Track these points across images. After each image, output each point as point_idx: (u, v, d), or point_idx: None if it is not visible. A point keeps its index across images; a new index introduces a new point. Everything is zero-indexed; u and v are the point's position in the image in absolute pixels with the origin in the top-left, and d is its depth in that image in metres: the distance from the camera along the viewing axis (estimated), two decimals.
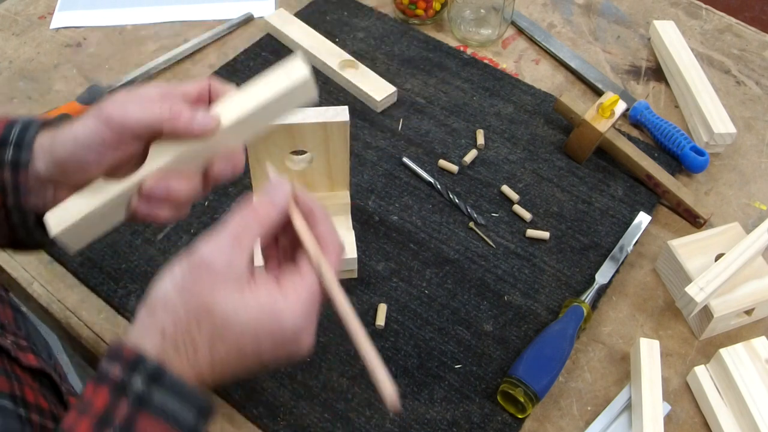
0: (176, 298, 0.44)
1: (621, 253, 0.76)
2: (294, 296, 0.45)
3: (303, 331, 0.46)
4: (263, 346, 0.45)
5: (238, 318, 0.44)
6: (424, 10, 0.99)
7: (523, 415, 0.65)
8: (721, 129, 0.84)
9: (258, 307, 0.44)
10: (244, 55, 0.96)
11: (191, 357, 0.44)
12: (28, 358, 0.54)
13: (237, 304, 0.44)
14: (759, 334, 0.71)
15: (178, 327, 0.44)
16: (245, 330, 0.44)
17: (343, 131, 0.68)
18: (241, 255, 0.45)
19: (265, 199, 0.48)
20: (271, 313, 0.44)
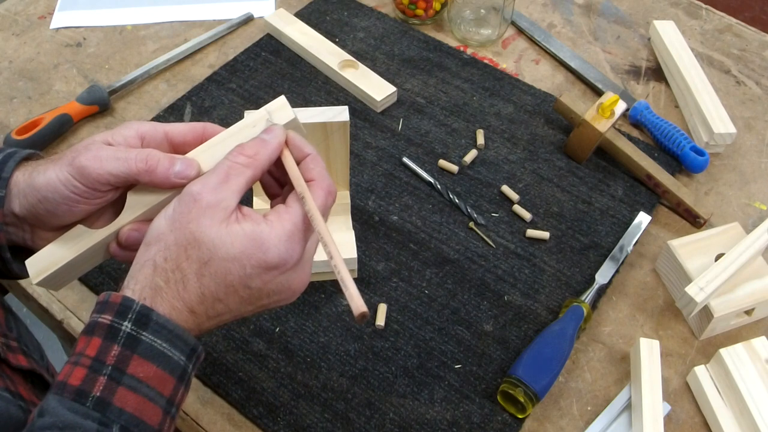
0: (167, 230, 0.46)
1: (621, 253, 0.76)
2: (278, 225, 0.46)
3: (289, 259, 0.46)
4: (251, 276, 0.45)
5: (224, 246, 0.45)
6: (424, 10, 0.99)
7: (523, 415, 0.65)
8: (721, 129, 0.84)
9: (242, 234, 0.45)
10: (244, 55, 0.96)
11: (180, 289, 0.45)
12: (17, 359, 0.54)
13: (222, 232, 0.45)
14: (759, 334, 0.71)
15: (168, 257, 0.45)
16: (230, 257, 0.45)
17: (343, 131, 0.68)
18: (229, 191, 0.46)
19: (257, 141, 0.49)
20: (255, 240, 0.45)
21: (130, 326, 0.44)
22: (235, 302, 0.47)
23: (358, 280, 0.73)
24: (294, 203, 0.48)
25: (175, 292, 0.45)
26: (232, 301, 0.46)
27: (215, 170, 0.47)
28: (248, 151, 0.48)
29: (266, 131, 0.49)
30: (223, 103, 0.89)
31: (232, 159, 0.47)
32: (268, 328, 0.70)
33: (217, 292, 0.46)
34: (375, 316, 0.71)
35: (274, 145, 0.49)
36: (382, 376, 0.67)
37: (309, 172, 0.49)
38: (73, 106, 0.86)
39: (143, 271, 0.46)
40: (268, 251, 0.45)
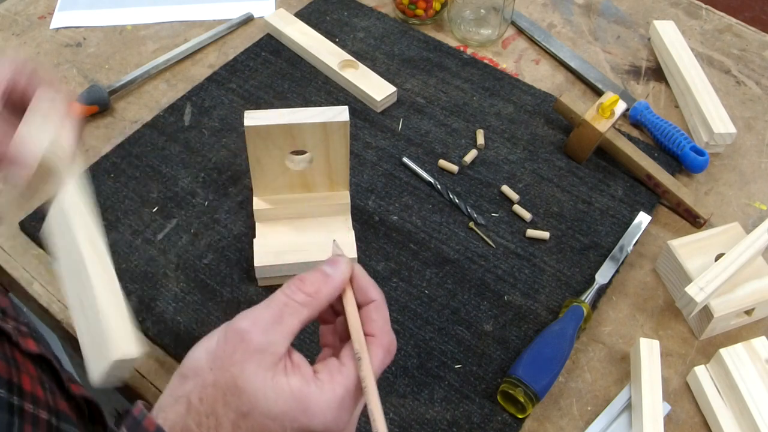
0: (206, 369, 0.42)
1: (621, 253, 0.76)
2: (329, 390, 0.42)
3: (335, 429, 0.42)
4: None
5: (267, 401, 0.41)
6: (424, 10, 0.99)
7: (523, 415, 0.65)
8: (721, 129, 0.84)
9: (289, 393, 0.41)
10: (244, 55, 0.96)
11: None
12: (28, 343, 0.54)
13: (267, 385, 0.41)
14: (759, 334, 0.71)
15: (204, 400, 0.41)
16: (272, 415, 0.41)
17: (343, 131, 0.68)
18: (282, 335, 0.42)
19: (319, 275, 0.44)
20: (301, 402, 0.41)
21: None
22: None
23: None
24: (349, 362, 0.43)
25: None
26: None
27: (269, 305, 0.42)
28: (308, 287, 0.43)
29: (330, 263, 0.44)
30: (223, 103, 0.89)
31: (290, 295, 0.43)
32: None
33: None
34: None
35: (338, 283, 0.43)
36: (382, 376, 0.67)
37: (370, 324, 0.44)
38: (73, 106, 0.86)
39: (176, 407, 0.42)
40: (314, 417, 0.41)
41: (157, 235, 0.76)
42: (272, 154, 0.70)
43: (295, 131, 0.67)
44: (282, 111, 0.68)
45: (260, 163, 0.70)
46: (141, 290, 0.72)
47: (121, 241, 0.76)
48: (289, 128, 0.67)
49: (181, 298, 0.72)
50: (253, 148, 0.69)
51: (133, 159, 0.83)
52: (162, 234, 0.77)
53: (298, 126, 0.67)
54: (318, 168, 0.72)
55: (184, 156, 0.84)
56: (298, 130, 0.67)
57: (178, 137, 0.85)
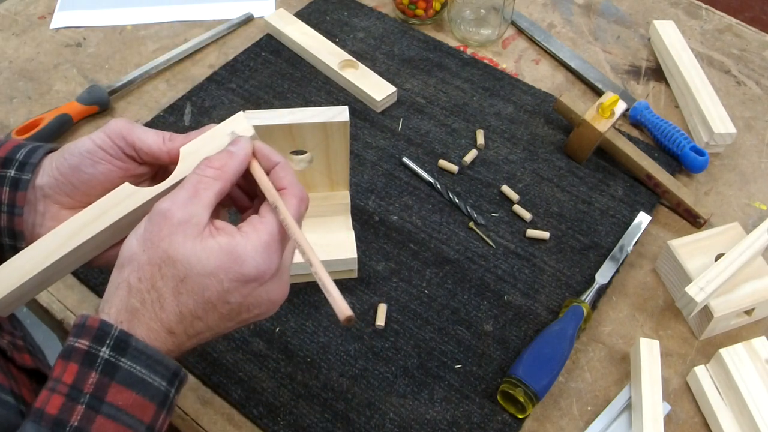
0: (139, 250, 0.45)
1: (621, 253, 0.76)
2: (254, 236, 0.45)
3: (267, 270, 0.45)
4: (229, 290, 0.45)
5: (199, 262, 0.44)
6: (424, 10, 0.99)
7: (523, 415, 0.65)
8: (721, 129, 0.84)
9: (218, 249, 0.44)
10: (244, 55, 0.96)
11: (158, 309, 0.44)
12: (23, 358, 0.54)
13: (197, 248, 0.44)
14: (759, 334, 0.71)
15: (142, 278, 0.44)
16: (207, 272, 0.44)
17: (343, 131, 0.68)
18: (200, 206, 0.45)
19: (224, 153, 0.48)
20: (230, 254, 0.44)
21: (108, 352, 0.42)
22: (214, 319, 0.46)
23: (358, 280, 0.73)
24: (267, 213, 0.47)
25: (152, 313, 0.44)
26: (212, 317, 0.45)
27: (183, 185, 0.46)
28: (216, 163, 0.47)
29: (232, 143, 0.49)
30: (223, 103, 0.89)
31: (200, 172, 0.47)
32: (268, 328, 0.70)
33: (195, 309, 0.45)
34: (375, 316, 0.71)
35: (241, 155, 0.48)
36: (382, 376, 0.67)
37: (280, 180, 0.48)
38: (73, 106, 0.86)
39: (117, 293, 0.45)
40: (245, 263, 0.44)
41: None
42: None
43: (295, 131, 0.67)
44: (282, 111, 0.68)
45: None
46: None
47: None
48: (289, 128, 0.67)
49: None
50: None
51: None
52: None
53: (298, 126, 0.67)
54: (318, 168, 0.72)
55: None
56: (298, 130, 0.67)
57: None
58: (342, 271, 0.73)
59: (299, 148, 0.69)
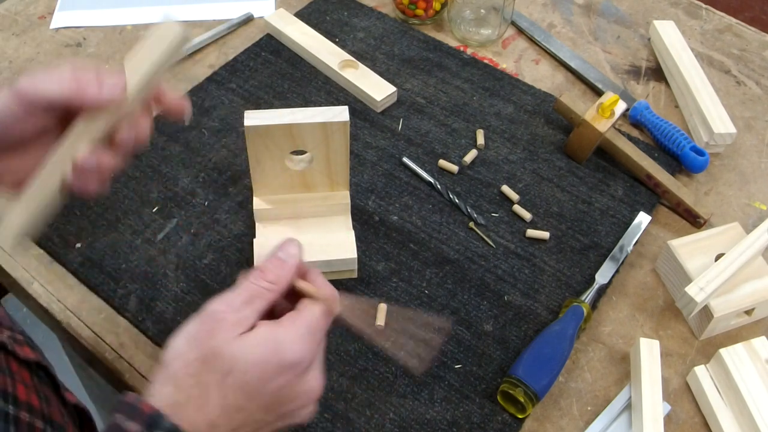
0: (186, 348, 0.47)
1: (621, 253, 0.76)
2: (292, 328, 0.47)
3: (305, 358, 0.48)
4: (270, 377, 0.46)
5: (244, 355, 0.46)
6: (424, 10, 0.99)
7: (523, 415, 0.65)
8: (721, 129, 0.84)
9: (261, 339, 0.47)
10: (244, 55, 0.96)
11: (203, 405, 0.45)
12: (24, 350, 0.54)
13: (242, 344, 0.46)
14: (759, 334, 0.71)
15: (188, 374, 0.46)
16: (251, 362, 0.46)
17: (343, 131, 0.68)
18: (253, 312, 0.48)
19: (277, 262, 0.50)
20: (272, 342, 0.47)
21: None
22: (256, 409, 0.47)
23: (358, 280, 0.73)
24: (304, 307, 0.49)
25: (197, 407, 0.45)
26: (254, 407, 0.47)
27: (239, 291, 0.48)
28: (270, 276, 0.49)
29: (282, 249, 0.51)
30: (223, 103, 0.89)
31: (256, 282, 0.49)
32: None
33: (237, 400, 0.46)
34: (375, 316, 0.71)
35: (292, 266, 0.50)
36: (382, 376, 0.67)
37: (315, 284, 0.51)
38: None
39: (164, 390, 0.46)
40: (286, 351, 0.47)
41: (157, 235, 0.76)
42: (272, 154, 0.70)
43: (295, 131, 0.67)
44: (282, 111, 0.68)
45: (260, 163, 0.71)
46: (141, 290, 0.72)
47: (121, 241, 0.76)
48: (289, 128, 0.67)
49: (181, 298, 0.72)
50: (253, 148, 0.69)
51: (133, 159, 0.83)
52: (162, 234, 0.77)
53: (298, 126, 0.67)
54: (318, 168, 0.72)
55: (184, 156, 0.84)
56: (298, 130, 0.67)
57: (178, 137, 0.85)
58: (342, 271, 0.73)
59: (299, 148, 0.70)
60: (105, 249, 0.75)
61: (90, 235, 0.76)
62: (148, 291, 0.72)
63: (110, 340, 0.70)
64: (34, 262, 0.75)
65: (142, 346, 0.69)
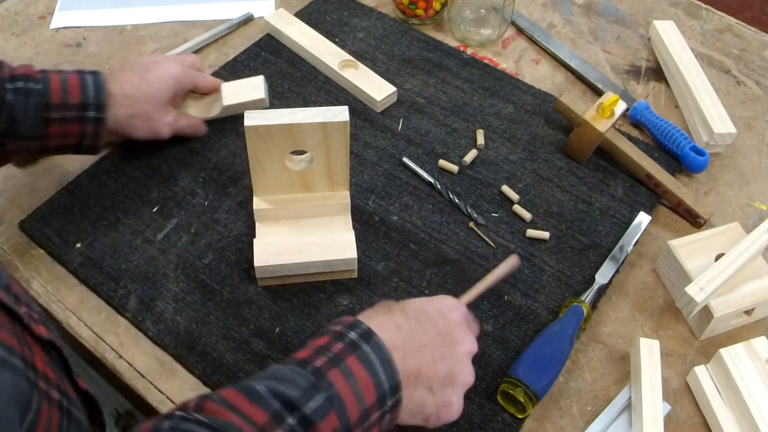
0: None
1: (621, 253, 0.76)
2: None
3: (459, 310, 0.62)
4: (436, 309, 0.60)
5: (417, 300, 0.62)
6: (424, 10, 0.99)
7: (523, 415, 0.65)
8: (721, 129, 0.84)
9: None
10: (244, 55, 0.96)
11: (387, 322, 0.57)
12: (39, 328, 0.54)
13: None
14: (759, 334, 0.71)
15: (378, 309, 0.60)
16: (424, 302, 0.61)
17: (343, 131, 0.68)
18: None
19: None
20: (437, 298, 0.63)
21: (355, 336, 0.53)
22: (431, 330, 0.58)
23: (358, 280, 0.73)
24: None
25: (381, 323, 0.56)
26: (429, 329, 0.58)
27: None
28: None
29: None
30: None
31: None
32: (268, 328, 0.70)
33: (416, 315, 0.58)
34: None
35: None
36: None
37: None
38: None
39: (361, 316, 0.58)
40: (445, 299, 0.63)
41: (157, 235, 0.76)
42: (272, 154, 0.70)
43: (295, 131, 0.67)
44: (282, 111, 0.68)
45: (260, 163, 0.71)
46: (141, 290, 0.72)
47: (121, 241, 0.76)
48: (289, 128, 0.67)
49: (181, 298, 0.72)
50: (253, 148, 0.69)
51: (133, 159, 0.83)
52: (162, 234, 0.77)
53: (298, 126, 0.67)
54: (318, 168, 0.72)
55: (184, 156, 0.84)
56: (298, 130, 0.67)
57: (177, 137, 0.85)
58: (342, 271, 0.73)
59: (299, 148, 0.69)
60: (105, 249, 0.75)
61: (90, 235, 0.76)
62: (148, 291, 0.72)
63: (110, 340, 0.70)
64: (34, 262, 0.75)
65: (142, 346, 0.69)
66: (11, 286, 0.55)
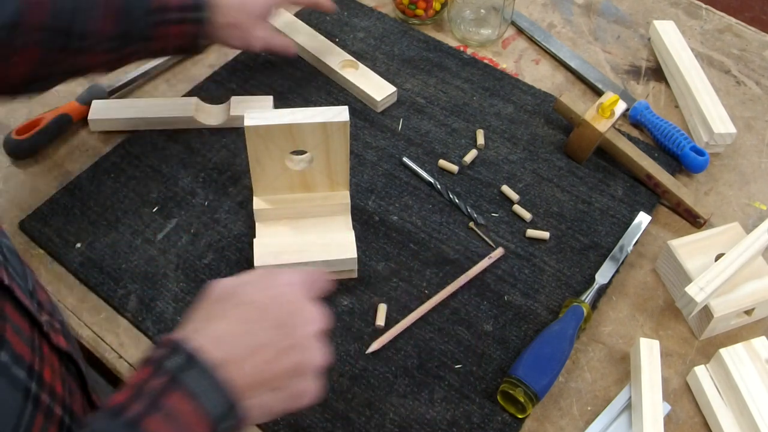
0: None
1: (621, 253, 0.76)
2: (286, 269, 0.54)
3: (299, 281, 0.52)
4: (269, 288, 0.51)
5: (243, 280, 0.52)
6: (424, 10, 0.99)
7: (523, 415, 0.65)
8: (721, 129, 0.84)
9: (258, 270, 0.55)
10: (244, 55, 0.96)
11: (211, 329, 0.49)
12: (58, 339, 0.54)
13: (241, 276, 0.53)
14: (759, 334, 0.71)
15: (199, 310, 0.51)
16: (250, 283, 0.51)
17: (343, 131, 0.68)
18: None
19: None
20: (267, 271, 0.53)
21: (177, 364, 0.45)
22: (268, 324, 0.50)
23: (358, 280, 0.73)
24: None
25: (205, 333, 0.48)
26: (265, 320, 0.50)
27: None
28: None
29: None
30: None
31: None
32: None
33: (247, 313, 0.50)
34: (375, 316, 0.71)
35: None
36: (382, 376, 0.67)
37: None
38: (73, 106, 0.86)
39: (183, 328, 0.50)
40: (280, 272, 0.53)
41: (157, 235, 0.76)
42: (272, 154, 0.70)
43: (295, 131, 0.67)
44: (282, 111, 0.68)
45: (260, 163, 0.71)
46: (141, 290, 0.72)
47: (121, 241, 0.76)
48: (289, 128, 0.67)
49: (181, 298, 0.72)
50: (253, 148, 0.69)
51: (133, 159, 0.83)
52: (162, 234, 0.77)
53: (298, 126, 0.67)
54: (318, 168, 0.72)
55: (184, 156, 0.84)
56: (298, 130, 0.67)
57: (178, 137, 0.85)
58: (342, 271, 0.73)
59: (299, 148, 0.70)
60: (105, 249, 0.75)
61: (90, 235, 0.76)
62: (148, 291, 0.72)
63: (110, 340, 0.70)
64: (35, 263, 0.75)
65: (142, 346, 0.69)
66: (36, 292, 0.55)
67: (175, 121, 0.85)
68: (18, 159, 0.84)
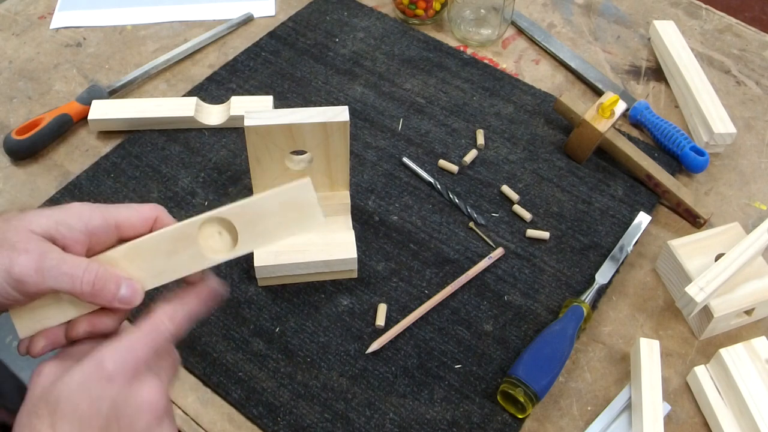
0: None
1: (621, 253, 0.76)
2: (112, 343, 0.45)
3: (128, 370, 0.44)
4: (98, 399, 0.43)
5: (68, 385, 0.43)
6: (424, 10, 0.99)
7: (523, 415, 0.65)
8: (721, 129, 0.84)
9: (83, 365, 0.44)
10: (244, 55, 0.96)
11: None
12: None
13: (67, 376, 0.44)
14: (759, 334, 0.71)
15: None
16: (75, 391, 0.43)
17: (343, 131, 0.68)
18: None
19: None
20: (93, 361, 0.44)
21: None
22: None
23: (358, 280, 0.73)
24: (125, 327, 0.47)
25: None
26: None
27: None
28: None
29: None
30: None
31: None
32: (268, 328, 0.70)
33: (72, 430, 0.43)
34: (375, 316, 0.71)
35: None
36: (382, 376, 0.67)
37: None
38: (73, 106, 0.86)
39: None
40: (105, 361, 0.43)
41: None
42: (272, 154, 0.70)
43: (295, 131, 0.67)
44: (282, 111, 0.68)
45: (260, 163, 0.71)
46: None
47: None
48: (289, 128, 0.67)
49: None
50: (253, 148, 0.69)
51: (133, 159, 0.83)
52: None
53: (298, 126, 0.67)
54: (318, 168, 0.72)
55: (184, 156, 0.84)
56: (298, 130, 0.67)
57: (178, 137, 0.85)
58: (342, 271, 0.73)
59: (299, 148, 0.70)
60: None
61: None
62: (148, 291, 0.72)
63: None
64: None
65: None
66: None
67: (175, 121, 0.86)
68: (18, 159, 0.84)
